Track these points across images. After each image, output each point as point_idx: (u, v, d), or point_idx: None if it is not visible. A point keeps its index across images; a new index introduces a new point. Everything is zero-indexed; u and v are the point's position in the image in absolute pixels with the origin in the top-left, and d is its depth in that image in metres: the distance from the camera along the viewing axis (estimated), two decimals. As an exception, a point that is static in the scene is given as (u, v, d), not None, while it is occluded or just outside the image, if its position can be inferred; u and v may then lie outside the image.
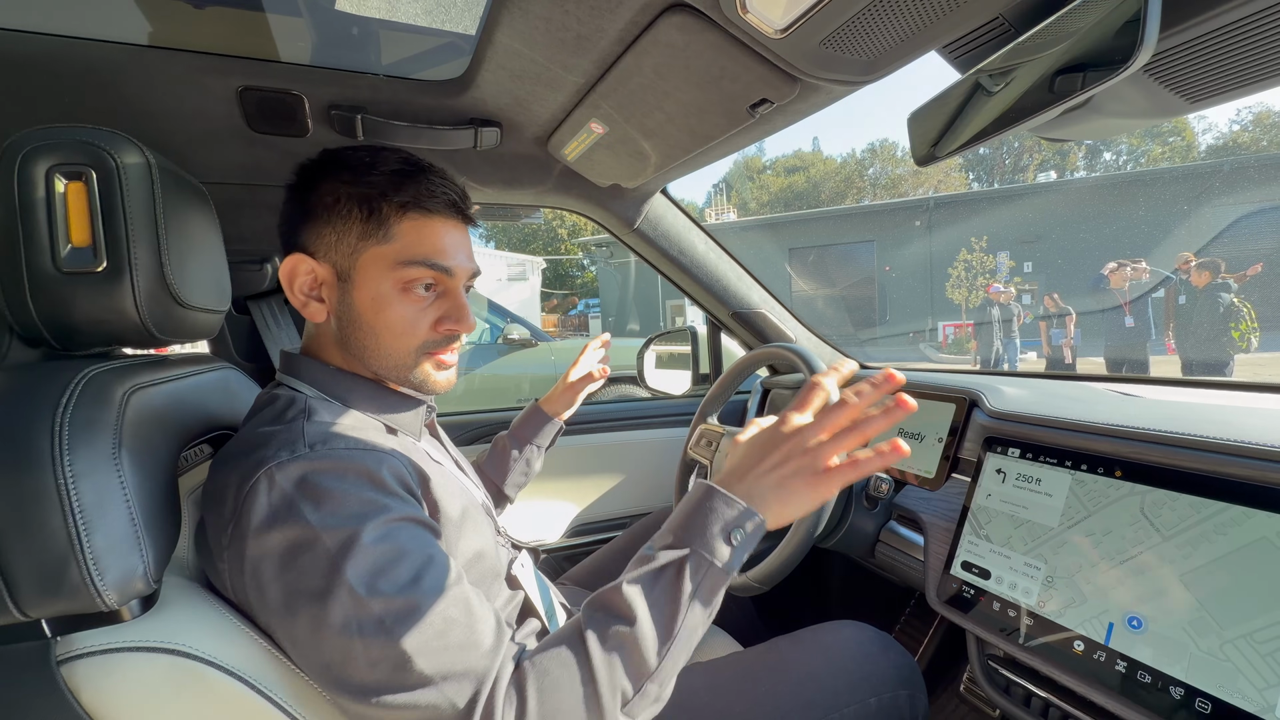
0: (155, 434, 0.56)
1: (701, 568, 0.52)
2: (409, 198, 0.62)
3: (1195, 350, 6.13)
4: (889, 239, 14.65)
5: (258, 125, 0.91)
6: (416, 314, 0.64)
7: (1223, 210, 11.41)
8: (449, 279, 0.65)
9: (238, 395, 0.76)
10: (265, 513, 0.50)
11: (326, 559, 0.49)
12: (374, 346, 0.64)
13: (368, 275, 0.62)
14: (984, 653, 0.77)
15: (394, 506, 0.53)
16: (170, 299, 0.60)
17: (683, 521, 0.55)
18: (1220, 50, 0.49)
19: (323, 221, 0.62)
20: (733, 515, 0.54)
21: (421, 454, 0.65)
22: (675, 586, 0.52)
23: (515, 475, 1.05)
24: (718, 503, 0.54)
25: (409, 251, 0.62)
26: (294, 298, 0.64)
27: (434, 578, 0.51)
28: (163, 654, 0.47)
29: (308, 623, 0.49)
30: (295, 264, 0.63)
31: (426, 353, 0.65)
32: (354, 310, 0.63)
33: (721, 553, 0.53)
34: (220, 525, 0.53)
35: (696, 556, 0.53)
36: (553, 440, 1.10)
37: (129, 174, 0.55)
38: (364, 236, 0.62)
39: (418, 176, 0.63)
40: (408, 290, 0.63)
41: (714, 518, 0.54)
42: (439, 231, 0.64)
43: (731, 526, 0.53)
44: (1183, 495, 0.63)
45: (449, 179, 0.66)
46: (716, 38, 0.66)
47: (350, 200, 0.62)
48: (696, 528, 0.54)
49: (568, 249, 28.13)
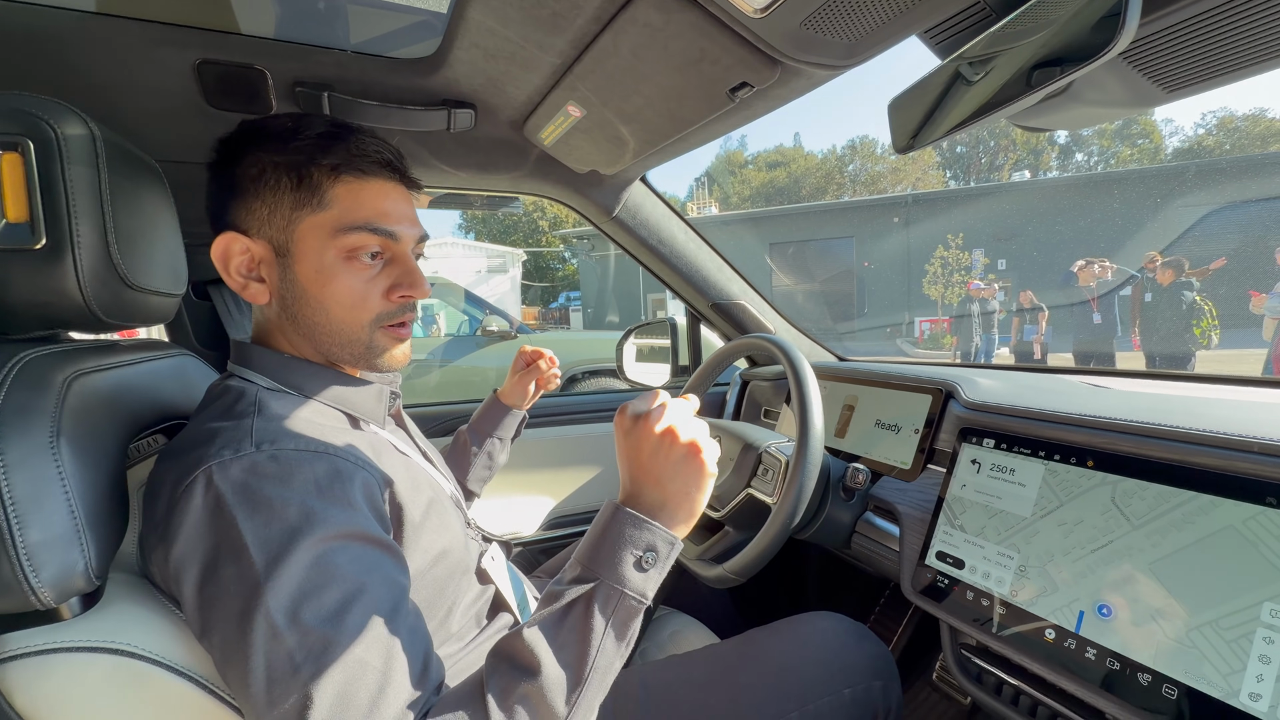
0: (101, 423, 0.53)
1: (612, 600, 0.48)
2: (339, 159, 0.58)
3: (1160, 346, 6.33)
4: (868, 235, 14.82)
5: (217, 101, 0.87)
6: (365, 283, 0.60)
7: (1188, 210, 11.76)
8: (395, 244, 0.61)
9: (195, 383, 0.73)
10: (197, 515, 0.47)
11: (250, 577, 0.45)
12: (324, 323, 0.60)
13: (307, 247, 0.59)
14: (957, 642, 0.78)
15: (336, 520, 0.49)
16: (118, 280, 0.57)
17: (590, 547, 0.51)
18: (1198, 38, 0.49)
19: (251, 195, 0.59)
20: (642, 538, 0.51)
21: (386, 445, 0.63)
22: (584, 624, 0.47)
23: (477, 470, 1.03)
24: (625, 526, 0.51)
25: (348, 217, 0.58)
26: (231, 280, 0.60)
27: (361, 611, 0.46)
28: (104, 654, 0.44)
29: (222, 642, 0.45)
30: (227, 244, 0.59)
31: (382, 325, 0.62)
32: (298, 286, 0.59)
33: (633, 581, 0.49)
34: (152, 524, 0.50)
35: (605, 588, 0.49)
36: (517, 431, 1.07)
37: (70, 145, 0.52)
38: (298, 206, 0.58)
39: (346, 137, 0.59)
40: (352, 259, 0.59)
41: (622, 543, 0.50)
42: (377, 194, 0.60)
43: (641, 550, 0.50)
44: (1152, 484, 0.63)
45: (381, 139, 0.62)
46: (695, 17, 0.64)
47: (278, 170, 0.58)
48: (604, 555, 0.50)
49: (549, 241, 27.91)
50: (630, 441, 0.55)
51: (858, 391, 1.16)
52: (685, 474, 0.53)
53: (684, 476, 0.53)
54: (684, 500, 0.53)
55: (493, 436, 1.04)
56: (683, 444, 0.53)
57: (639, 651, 1.04)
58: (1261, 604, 0.52)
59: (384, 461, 0.59)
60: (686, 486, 0.53)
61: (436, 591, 0.61)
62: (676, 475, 0.53)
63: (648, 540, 0.51)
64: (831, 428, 1.17)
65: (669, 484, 0.53)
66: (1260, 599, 0.53)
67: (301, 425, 0.55)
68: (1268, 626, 0.52)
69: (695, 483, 0.54)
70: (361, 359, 0.63)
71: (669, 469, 0.53)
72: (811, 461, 0.81)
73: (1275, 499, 0.54)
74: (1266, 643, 0.51)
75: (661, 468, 0.53)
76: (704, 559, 0.94)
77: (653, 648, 1.04)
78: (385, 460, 0.59)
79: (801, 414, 0.83)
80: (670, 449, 0.53)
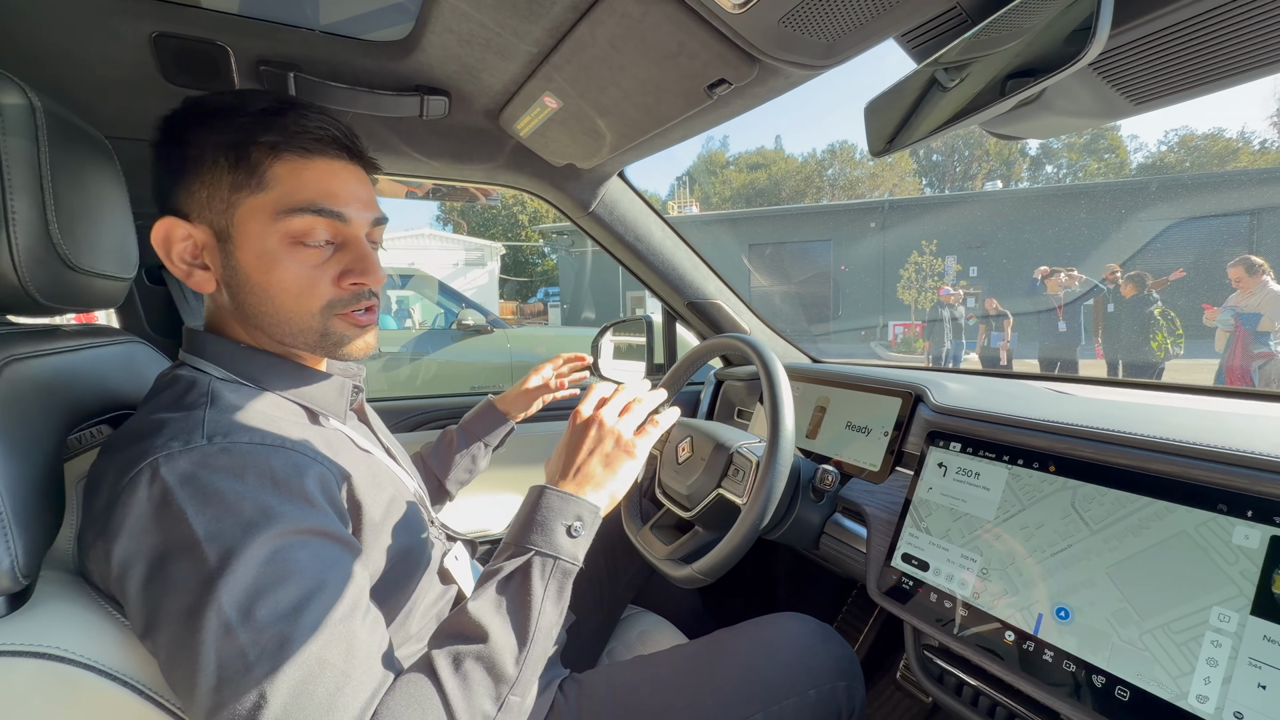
0: (34, 411, 0.50)
1: (548, 566, 0.54)
2: (279, 137, 0.54)
3: (1121, 356, 6.55)
4: (845, 238, 15.03)
5: (175, 77, 0.83)
6: (312, 270, 0.57)
7: (1150, 223, 12.19)
8: (344, 227, 0.58)
9: (144, 372, 0.69)
10: (142, 509, 0.44)
11: (202, 572, 0.43)
12: (271, 312, 0.57)
13: (248, 231, 0.55)
14: (920, 643, 0.79)
15: (293, 515, 0.47)
16: (58, 261, 0.54)
17: (520, 527, 0.57)
18: (1165, 52, 0.50)
19: (191, 177, 0.55)
20: (569, 509, 0.57)
21: (345, 441, 0.61)
22: (524, 591, 0.52)
23: (459, 472, 1.00)
24: (552, 501, 0.58)
25: (290, 198, 0.55)
26: (174, 268, 0.57)
27: (319, 607, 0.45)
28: (29, 658, 0.41)
29: (169, 641, 0.43)
30: (168, 229, 0.56)
31: (336, 313, 0.59)
32: (241, 273, 0.56)
33: (565, 547, 0.55)
34: (91, 518, 0.47)
35: (541, 557, 0.54)
36: (501, 441, 1.06)
37: (6, 116, 0.49)
38: (236, 187, 0.54)
39: (288, 113, 0.56)
40: (297, 244, 0.56)
41: (551, 515, 0.57)
42: (323, 173, 0.56)
43: (570, 520, 0.57)
44: (1111, 490, 0.64)
45: (330, 115, 0.58)
46: (674, 10, 0.63)
47: (216, 149, 0.54)
48: (535, 529, 0.56)
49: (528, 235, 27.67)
50: (575, 436, 0.64)
51: (829, 393, 1.17)
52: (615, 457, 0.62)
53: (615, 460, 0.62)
54: (608, 477, 0.61)
55: (480, 440, 1.02)
56: (625, 433, 0.63)
57: (606, 651, 1.03)
58: (1211, 608, 0.54)
59: (343, 458, 0.56)
60: (614, 468, 0.62)
61: (397, 591, 0.60)
62: (606, 458, 0.62)
63: (575, 510, 0.58)
64: (803, 429, 1.18)
65: (598, 464, 0.61)
66: (1210, 603, 0.54)
67: (256, 418, 0.53)
68: (1216, 630, 0.53)
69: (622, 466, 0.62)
70: (319, 348, 0.60)
71: (601, 455, 0.62)
72: (782, 462, 0.81)
73: (1226, 506, 0.56)
74: (1214, 646, 0.53)
75: (595, 453, 0.62)
76: (673, 559, 0.94)
77: (620, 647, 1.03)
78: (344, 456, 0.57)
79: (773, 415, 0.83)
80: (608, 438, 0.63)
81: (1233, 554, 0.54)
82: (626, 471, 0.62)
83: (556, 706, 0.73)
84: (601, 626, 1.05)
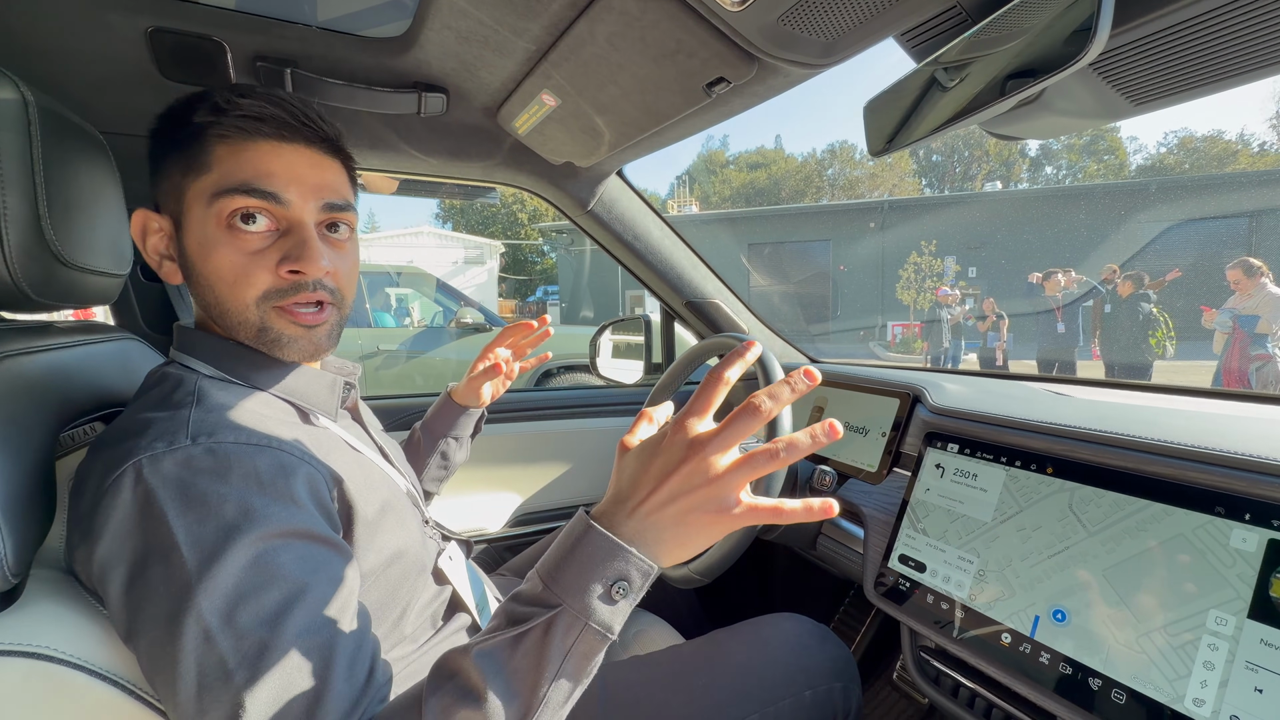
0: (26, 408, 0.50)
1: (574, 630, 0.41)
2: (217, 116, 0.53)
3: (1119, 356, 6.56)
4: (844, 238, 15.04)
5: (171, 72, 0.82)
6: (247, 257, 0.54)
7: (1149, 225, 12.21)
8: (284, 210, 0.54)
9: (138, 369, 0.69)
10: (125, 512, 0.44)
11: (181, 576, 0.42)
12: (213, 302, 0.56)
13: (193, 216, 0.54)
14: (916, 644, 0.79)
15: (278, 517, 0.46)
16: (51, 257, 0.53)
17: (556, 565, 0.43)
18: (1166, 52, 0.49)
19: (159, 166, 0.56)
20: (617, 567, 0.41)
21: (337, 440, 0.60)
22: (540, 654, 0.41)
23: (432, 470, 0.98)
24: (599, 548, 0.42)
25: (226, 179, 0.53)
26: (149, 259, 0.58)
27: (302, 613, 0.43)
28: (18, 658, 0.41)
29: (149, 646, 0.42)
30: (143, 221, 0.56)
31: (274, 305, 0.55)
32: (187, 260, 0.55)
33: (601, 614, 0.41)
34: (76, 518, 0.47)
35: (569, 616, 0.41)
36: (476, 428, 1.02)
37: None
38: (185, 171, 0.54)
39: (247, 95, 0.54)
40: (232, 227, 0.53)
41: (593, 568, 0.41)
42: (264, 154, 0.54)
43: (615, 580, 0.41)
44: (1108, 492, 0.64)
45: (294, 98, 0.56)
46: (673, 8, 0.63)
47: (174, 135, 0.54)
48: (571, 578, 0.42)
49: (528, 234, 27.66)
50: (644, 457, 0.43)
51: (827, 394, 1.17)
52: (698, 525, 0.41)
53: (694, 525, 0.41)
54: (678, 547, 0.42)
55: (447, 436, 0.98)
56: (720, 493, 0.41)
57: (602, 651, 1.03)
58: (1208, 611, 0.54)
59: (334, 457, 0.56)
60: (691, 535, 0.42)
61: (390, 593, 0.59)
62: (685, 521, 0.41)
63: (620, 570, 0.42)
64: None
65: (671, 522, 0.42)
66: (1207, 606, 0.54)
67: (244, 417, 0.52)
68: (1213, 633, 0.53)
69: (703, 534, 0.42)
70: (258, 343, 0.57)
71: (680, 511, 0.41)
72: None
73: (1224, 509, 0.56)
74: (1211, 649, 0.52)
75: (669, 504, 0.41)
76: (670, 559, 0.93)
77: (616, 647, 1.03)
78: (335, 456, 0.56)
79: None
80: (696, 495, 0.41)
81: (1230, 557, 0.54)
82: (704, 540, 0.43)
83: (552, 706, 0.73)
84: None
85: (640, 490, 0.42)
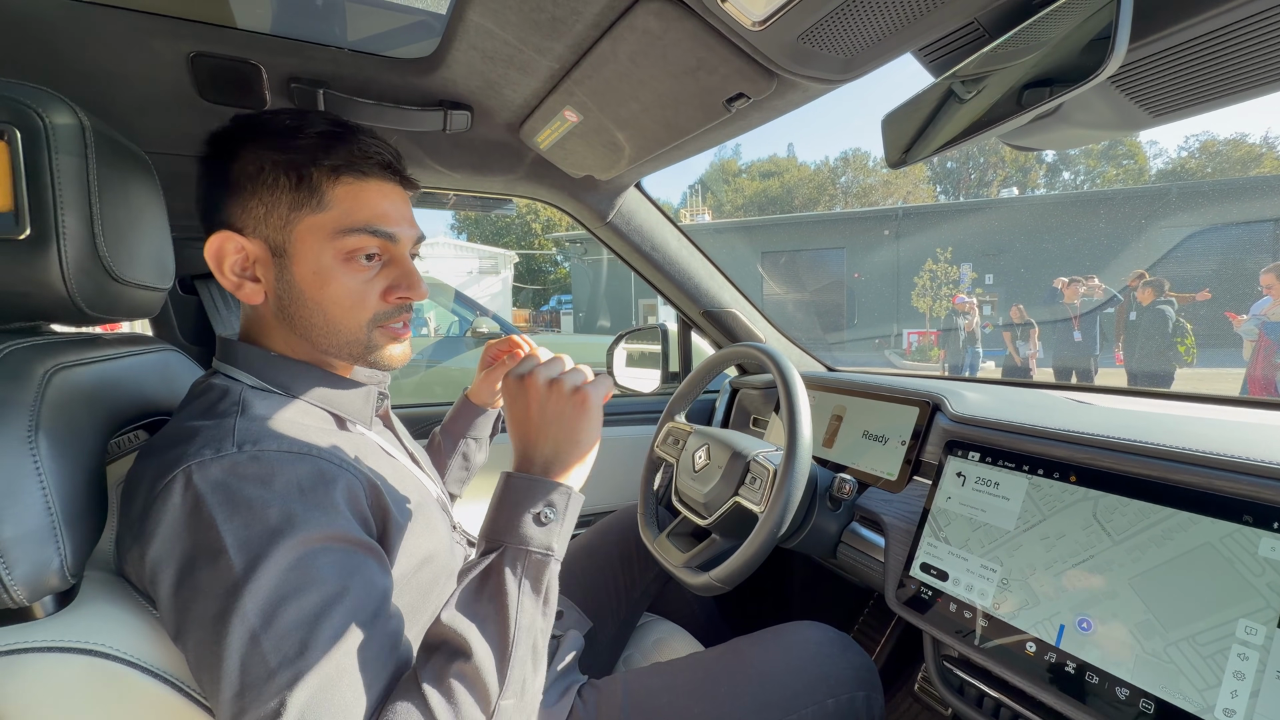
0: (81, 417, 0.52)
1: (520, 560, 0.51)
2: (341, 161, 0.58)
3: (1142, 363, 6.44)
4: (859, 246, 14.97)
5: (210, 94, 0.86)
6: (363, 285, 0.60)
7: (1171, 231, 12.00)
8: (393, 245, 0.61)
9: (178, 379, 0.72)
10: (174, 515, 0.46)
11: (228, 578, 0.44)
12: (322, 324, 0.60)
13: (306, 248, 0.58)
14: (939, 653, 0.78)
15: (318, 522, 0.48)
16: (103, 273, 0.56)
17: (490, 520, 0.53)
18: (1184, 65, 0.50)
19: (248, 194, 0.58)
20: (536, 494, 0.53)
21: (373, 447, 0.62)
22: (499, 591, 0.49)
23: (454, 471, 1.01)
24: (517, 486, 0.54)
25: (348, 219, 0.58)
26: (225, 280, 0.60)
27: (341, 615, 0.46)
28: (78, 654, 0.43)
29: (196, 645, 0.45)
30: (222, 243, 0.58)
31: (379, 325, 0.62)
32: (296, 287, 0.59)
33: (535, 537, 0.51)
34: (128, 521, 0.49)
35: (512, 551, 0.51)
36: (494, 429, 1.04)
37: (59, 135, 0.51)
38: (296, 206, 0.57)
39: (347, 138, 0.59)
40: (350, 260, 0.59)
41: (518, 503, 0.53)
42: (376, 195, 0.60)
43: (537, 506, 0.52)
44: (1133, 500, 0.64)
45: (381, 139, 0.62)
46: (694, 27, 0.65)
47: (277, 168, 0.57)
48: (504, 521, 0.52)
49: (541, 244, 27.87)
50: (516, 406, 0.57)
51: (846, 402, 1.17)
52: (570, 419, 0.56)
53: (569, 421, 0.56)
54: (572, 446, 0.56)
55: (466, 437, 1.01)
56: (565, 390, 0.56)
57: (622, 659, 1.04)
58: (1237, 620, 0.53)
59: (369, 463, 0.58)
60: (573, 431, 0.56)
61: (421, 596, 0.61)
62: (561, 422, 0.56)
63: (542, 495, 0.53)
64: (819, 437, 1.18)
65: (554, 433, 0.56)
66: (1236, 615, 0.54)
67: (285, 426, 0.55)
68: (1242, 643, 0.52)
69: (580, 425, 0.56)
70: (360, 359, 0.63)
71: (553, 420, 0.56)
72: (799, 471, 0.81)
73: (1252, 517, 0.55)
74: (1241, 659, 0.52)
75: (546, 421, 0.56)
76: (690, 566, 0.94)
77: (637, 655, 1.03)
78: (370, 462, 0.58)
79: (790, 423, 0.84)
80: (554, 400, 0.56)
81: (1259, 566, 0.54)
82: (588, 431, 0.57)
83: (575, 712, 0.74)
84: (618, 634, 1.05)
85: (523, 423, 0.57)
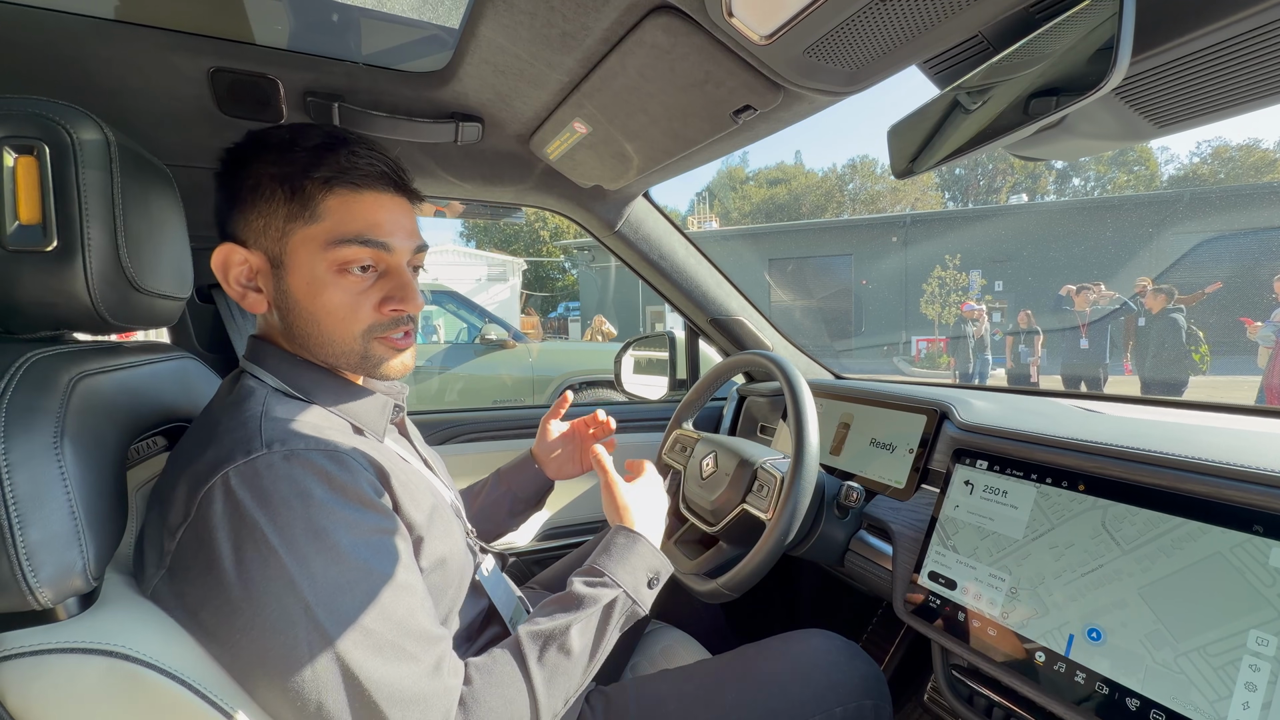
0: (103, 424, 0.53)
1: (626, 607, 0.65)
2: (332, 172, 0.58)
3: (1153, 371, 6.37)
4: (866, 253, 14.92)
5: (229, 108, 0.88)
6: (356, 297, 0.60)
7: (1182, 238, 11.89)
8: (388, 256, 0.61)
9: (195, 386, 0.73)
10: (218, 522, 0.48)
11: (284, 576, 0.48)
12: (316, 334, 0.61)
13: (299, 259, 0.59)
14: (948, 663, 0.78)
15: (354, 516, 0.52)
16: (126, 283, 0.57)
17: (614, 561, 0.68)
18: (1188, 77, 0.51)
19: (249, 206, 0.59)
20: (654, 561, 0.71)
21: (389, 453, 0.63)
22: (604, 623, 0.63)
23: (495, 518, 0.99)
24: (644, 549, 0.71)
25: (339, 230, 0.58)
26: (230, 289, 0.61)
27: (389, 596, 0.51)
28: (98, 656, 0.44)
29: (257, 647, 0.47)
30: (227, 254, 0.60)
31: (375, 336, 0.62)
32: (291, 298, 0.60)
33: (644, 597, 0.68)
34: (168, 529, 0.50)
35: (626, 600, 0.66)
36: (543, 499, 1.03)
37: (85, 150, 0.53)
38: (290, 218, 0.58)
39: (339, 149, 0.59)
40: (344, 272, 0.59)
41: (641, 563, 0.69)
42: (370, 206, 0.60)
43: (652, 573, 0.70)
44: (1142, 510, 0.64)
45: (378, 150, 0.62)
46: (702, 41, 0.66)
47: (273, 181, 0.58)
48: (627, 571, 0.68)
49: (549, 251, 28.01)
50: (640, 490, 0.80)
51: (853, 410, 1.17)
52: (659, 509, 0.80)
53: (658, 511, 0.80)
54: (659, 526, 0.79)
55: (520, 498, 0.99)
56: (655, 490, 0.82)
57: (630, 665, 1.04)
58: (1248, 631, 0.53)
59: (386, 467, 0.59)
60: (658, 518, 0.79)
61: (435, 599, 0.61)
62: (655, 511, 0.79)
63: (657, 565, 0.71)
64: (827, 445, 1.18)
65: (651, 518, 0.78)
66: (1246, 626, 0.53)
67: (307, 428, 0.56)
68: (1254, 654, 0.52)
69: (661, 513, 0.80)
70: (359, 368, 0.64)
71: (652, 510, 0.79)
72: (806, 478, 0.82)
73: (1262, 527, 0.55)
74: (1253, 670, 0.52)
75: (647, 510, 0.78)
76: (698, 574, 0.94)
77: (644, 662, 1.03)
78: (387, 466, 0.60)
79: (797, 431, 0.84)
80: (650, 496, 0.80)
81: (1270, 576, 0.53)
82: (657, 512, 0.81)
83: (584, 718, 0.74)
84: (625, 641, 1.05)
85: (646, 512, 0.78)
